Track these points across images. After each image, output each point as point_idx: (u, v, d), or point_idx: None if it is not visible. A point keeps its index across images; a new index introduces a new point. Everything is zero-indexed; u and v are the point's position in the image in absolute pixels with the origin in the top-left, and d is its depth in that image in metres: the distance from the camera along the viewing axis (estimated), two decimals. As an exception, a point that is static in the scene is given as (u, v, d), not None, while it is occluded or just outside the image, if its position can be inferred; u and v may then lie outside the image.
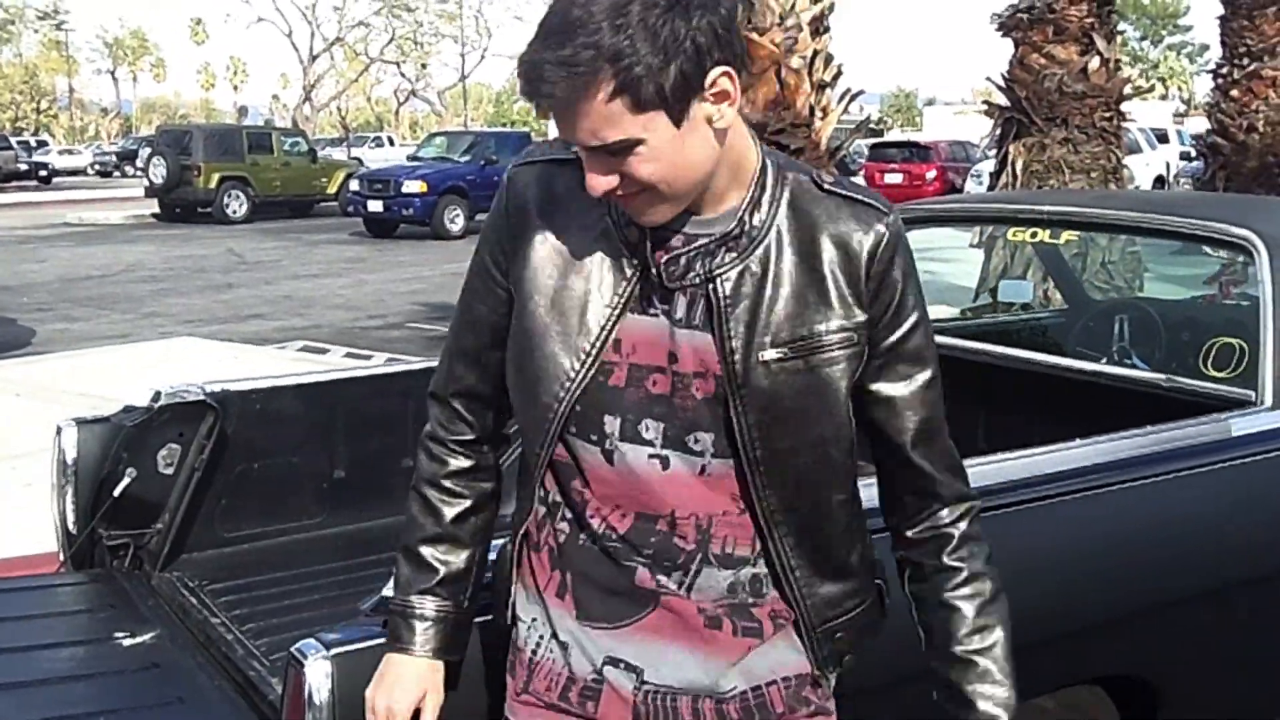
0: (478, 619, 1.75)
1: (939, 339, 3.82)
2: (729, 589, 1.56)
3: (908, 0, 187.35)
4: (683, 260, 1.50)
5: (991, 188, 11.22)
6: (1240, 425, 2.71)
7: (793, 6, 7.46)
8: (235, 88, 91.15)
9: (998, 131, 11.38)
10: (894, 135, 45.72)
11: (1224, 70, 15.10)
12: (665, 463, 1.52)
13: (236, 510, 3.14)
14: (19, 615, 2.72)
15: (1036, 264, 6.49)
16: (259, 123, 57.00)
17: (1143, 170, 24.50)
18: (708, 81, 1.38)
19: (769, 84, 7.49)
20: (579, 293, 1.52)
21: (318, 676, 1.72)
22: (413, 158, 25.73)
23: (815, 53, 7.60)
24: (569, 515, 1.60)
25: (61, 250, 19.40)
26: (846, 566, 1.61)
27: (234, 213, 25.11)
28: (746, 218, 1.49)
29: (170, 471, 2.98)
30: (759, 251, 1.49)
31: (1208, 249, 3.50)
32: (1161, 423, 2.68)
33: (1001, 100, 11.17)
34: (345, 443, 3.35)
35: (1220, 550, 2.58)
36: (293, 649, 1.78)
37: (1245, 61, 14.78)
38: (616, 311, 1.51)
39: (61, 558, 2.98)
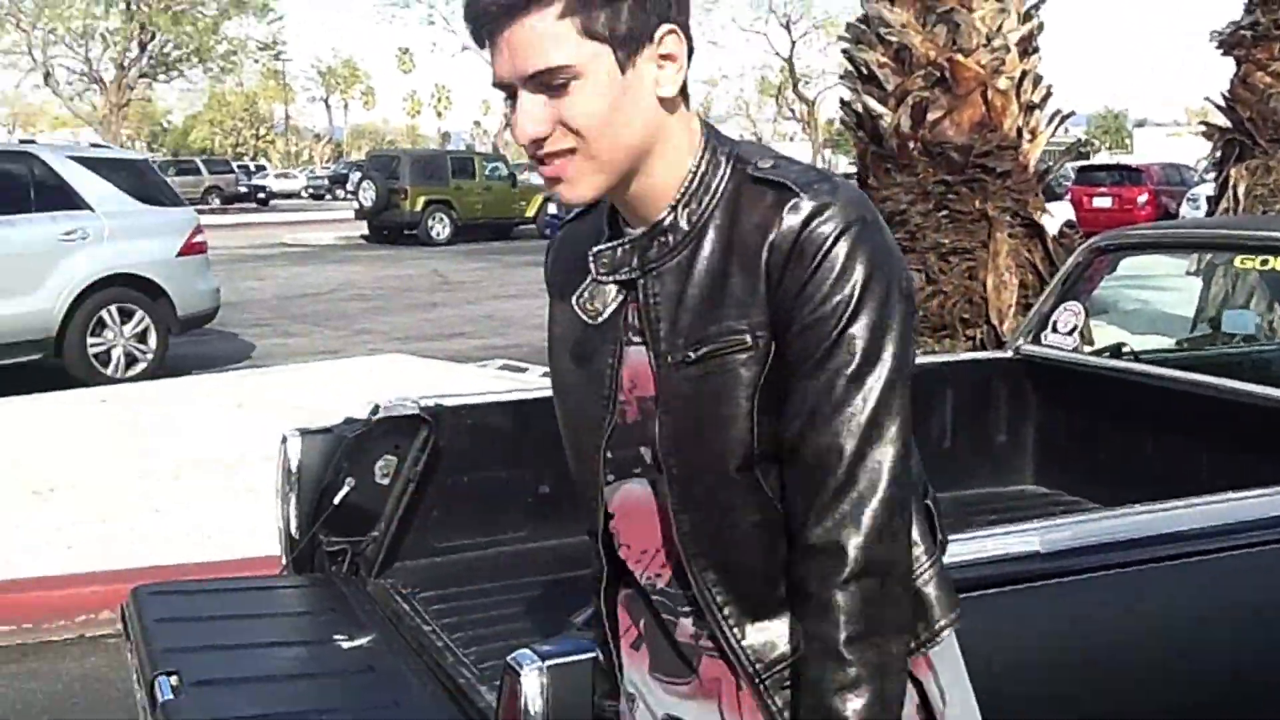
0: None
1: (1156, 370, 3.70)
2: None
3: (1116, 17, 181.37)
4: (617, 253, 1.41)
5: (1210, 213, 10.74)
6: None
7: (1000, 27, 7.31)
8: (439, 114, 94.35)
9: (1217, 154, 10.90)
10: (1102, 157, 44.26)
11: None
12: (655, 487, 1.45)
13: (447, 521, 3.22)
14: (246, 614, 2.85)
15: (1261, 292, 6.19)
16: (461, 148, 58.76)
17: (1377, 195, 23.05)
18: (657, 35, 1.32)
19: (975, 106, 7.36)
20: (591, 338, 1.47)
21: (533, 687, 1.75)
22: (609, 181, 26.12)
23: (1024, 74, 7.43)
24: (628, 568, 1.53)
25: (278, 269, 20.36)
26: (780, 604, 1.38)
27: (438, 235, 25.95)
28: (679, 212, 1.38)
29: (386, 482, 3.09)
30: (689, 249, 1.38)
31: None
32: None
33: (1221, 121, 10.70)
34: (550, 459, 3.40)
35: None
36: (509, 659, 1.81)
37: None
38: (617, 348, 1.44)
39: (284, 561, 3.12)
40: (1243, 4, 10.66)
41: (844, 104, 8.00)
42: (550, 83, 1.30)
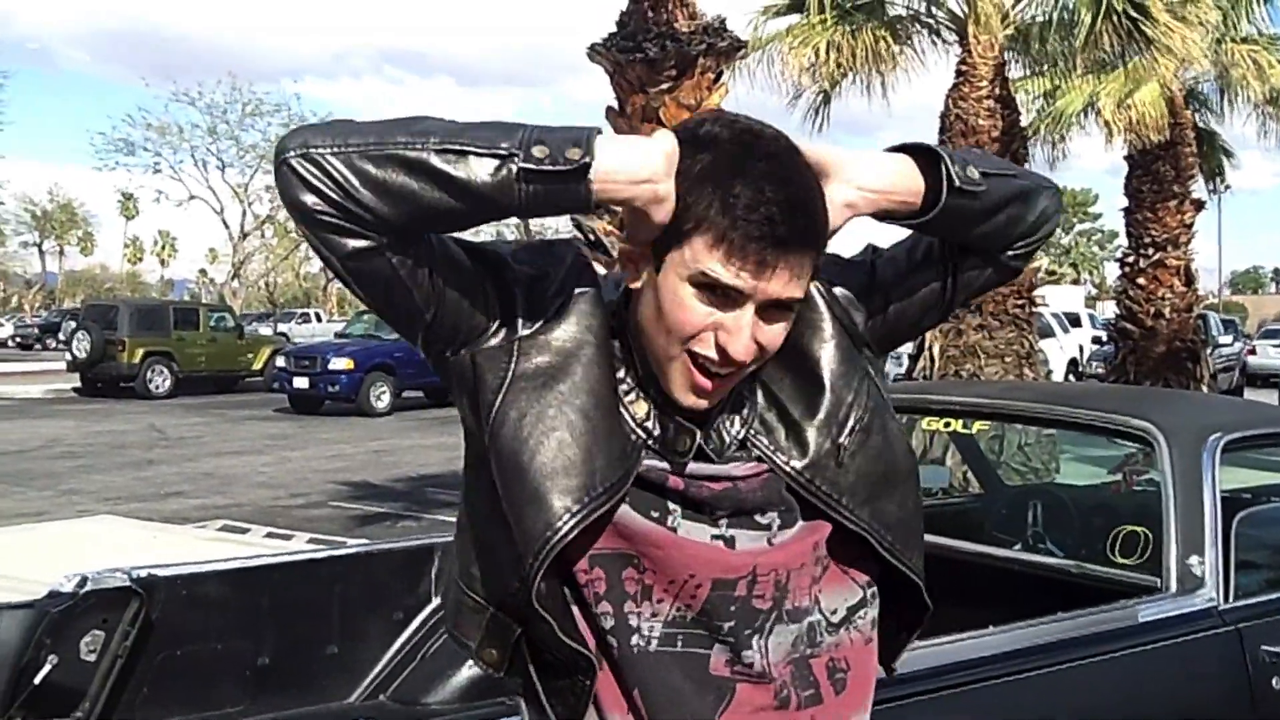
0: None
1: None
2: (792, 644, 1.53)
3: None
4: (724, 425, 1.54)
5: (910, 370, 11.51)
6: (1147, 612, 2.82)
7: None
8: (163, 262, 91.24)
9: (915, 317, 11.74)
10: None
11: (1130, 259, 15.80)
12: (730, 542, 1.51)
13: (158, 698, 3.10)
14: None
15: (954, 448, 6.67)
16: (185, 296, 56.92)
17: (1056, 354, 25.21)
18: None
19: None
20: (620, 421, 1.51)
21: None
22: (340, 335, 25.84)
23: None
24: (624, 618, 1.49)
25: (-23, 424, 19.05)
26: None
27: (156, 388, 24.90)
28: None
29: (93, 659, 2.95)
30: (757, 393, 1.56)
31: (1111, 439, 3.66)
32: (1075, 608, 2.78)
33: (918, 287, 11.54)
34: (270, 629, 3.34)
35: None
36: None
37: (1150, 251, 15.49)
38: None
39: (-25, 748, 2.91)
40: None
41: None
42: (781, 309, 1.44)
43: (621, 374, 1.52)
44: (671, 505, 1.50)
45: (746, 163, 1.41)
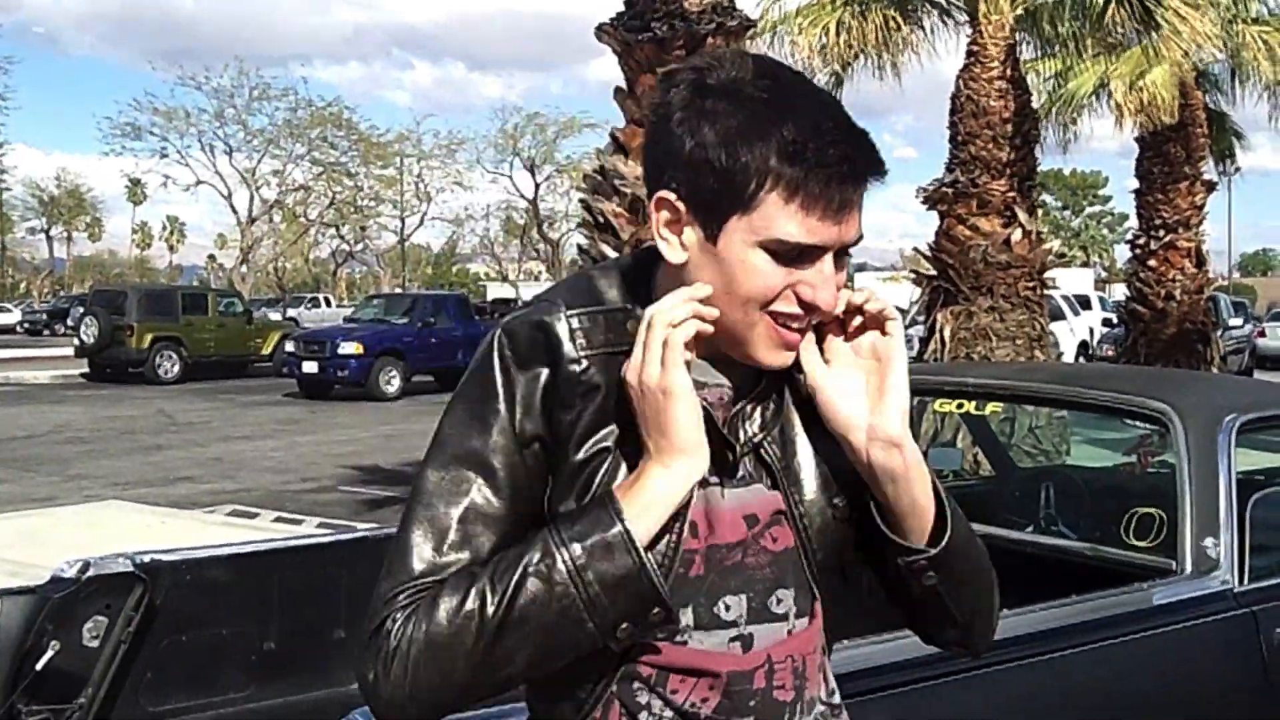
0: None
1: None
2: None
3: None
4: (754, 418, 1.39)
5: (921, 353, 11.46)
6: (1161, 594, 2.78)
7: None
8: (172, 248, 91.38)
9: (925, 299, 11.69)
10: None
11: (1141, 241, 15.72)
12: (748, 643, 1.36)
13: (162, 684, 3.08)
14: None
15: (965, 430, 6.64)
16: (194, 282, 57.03)
17: (1067, 336, 25.12)
18: None
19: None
20: None
21: None
22: (350, 319, 25.86)
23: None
24: (632, 697, 1.35)
25: (-13, 410, 19.09)
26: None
27: (165, 373, 24.92)
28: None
29: (96, 644, 2.93)
30: (786, 394, 1.40)
31: (1126, 420, 3.62)
32: (1088, 591, 2.74)
33: (929, 269, 11.50)
34: (277, 614, 3.31)
35: (1145, 720, 2.62)
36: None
37: (1161, 233, 15.40)
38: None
39: (-22, 734, 2.90)
40: (944, 164, 11.60)
41: (582, 250, 8.22)
42: (843, 254, 1.32)
43: None
44: (684, 619, 1.34)
45: (788, 100, 1.27)
